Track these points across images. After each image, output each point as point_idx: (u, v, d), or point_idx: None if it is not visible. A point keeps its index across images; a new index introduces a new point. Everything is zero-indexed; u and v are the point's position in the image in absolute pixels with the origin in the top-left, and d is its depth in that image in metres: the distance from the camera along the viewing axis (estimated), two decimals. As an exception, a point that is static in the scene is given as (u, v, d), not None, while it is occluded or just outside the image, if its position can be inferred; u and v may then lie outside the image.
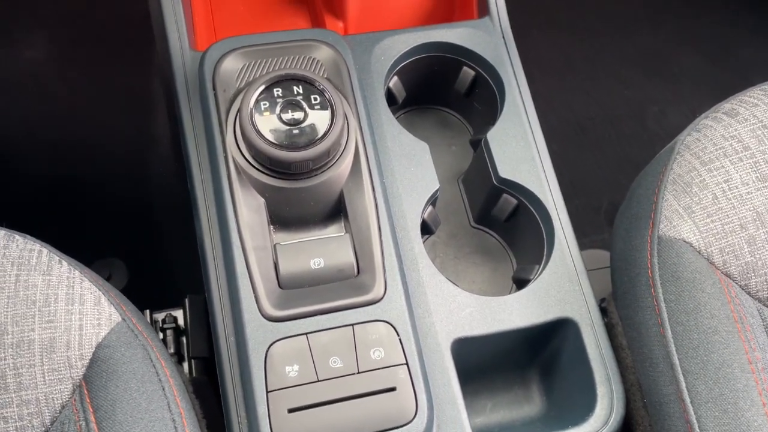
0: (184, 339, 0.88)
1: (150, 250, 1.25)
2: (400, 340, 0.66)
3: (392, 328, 0.66)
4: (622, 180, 1.42)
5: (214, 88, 0.76)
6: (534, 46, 1.56)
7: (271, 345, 0.64)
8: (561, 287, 0.76)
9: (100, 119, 1.35)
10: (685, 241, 0.66)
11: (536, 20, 1.57)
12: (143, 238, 1.26)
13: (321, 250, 0.69)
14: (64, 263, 0.63)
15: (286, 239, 0.71)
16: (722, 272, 0.66)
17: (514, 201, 0.82)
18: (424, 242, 0.78)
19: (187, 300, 0.89)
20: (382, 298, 0.67)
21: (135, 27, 1.41)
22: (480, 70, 0.90)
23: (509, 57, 0.89)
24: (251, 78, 0.77)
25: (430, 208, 0.81)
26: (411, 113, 1.00)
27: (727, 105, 0.75)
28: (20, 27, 1.42)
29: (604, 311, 0.80)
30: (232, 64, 0.77)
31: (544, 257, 0.78)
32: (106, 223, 1.28)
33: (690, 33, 1.61)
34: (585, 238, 1.35)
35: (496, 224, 0.89)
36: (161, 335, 0.88)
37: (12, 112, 1.34)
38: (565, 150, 1.43)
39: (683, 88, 1.54)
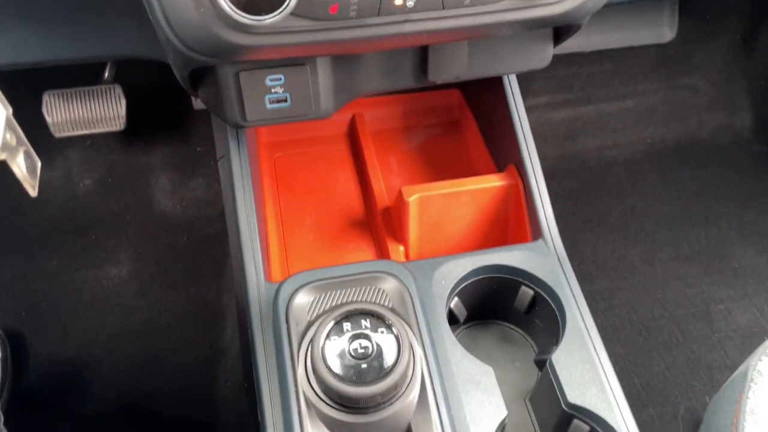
0: None
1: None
2: None
3: None
4: (695, 384, 1.37)
5: (287, 322, 0.81)
6: (589, 246, 1.60)
7: None
8: None
9: (175, 333, 1.42)
10: (774, 481, 0.63)
11: (589, 223, 1.63)
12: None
13: (390, 490, 0.68)
14: None
15: (355, 477, 0.71)
16: None
17: (587, 428, 0.80)
18: (494, 470, 0.76)
19: None
20: None
21: (212, 245, 1.54)
22: (538, 290, 0.93)
23: (566, 277, 0.92)
24: (322, 310, 0.81)
25: (499, 435, 0.80)
26: (473, 328, 1.02)
27: (795, 327, 0.74)
28: (107, 247, 1.56)
29: None
30: (304, 298, 0.82)
31: (623, 492, 0.74)
32: (173, 438, 1.29)
33: (746, 229, 1.63)
34: (664, 450, 1.27)
35: (569, 449, 0.86)
36: None
37: (94, 329, 1.43)
38: (631, 353, 1.40)
39: (747, 285, 1.52)
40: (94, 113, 1.44)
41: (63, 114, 1.44)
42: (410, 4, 0.72)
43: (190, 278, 1.51)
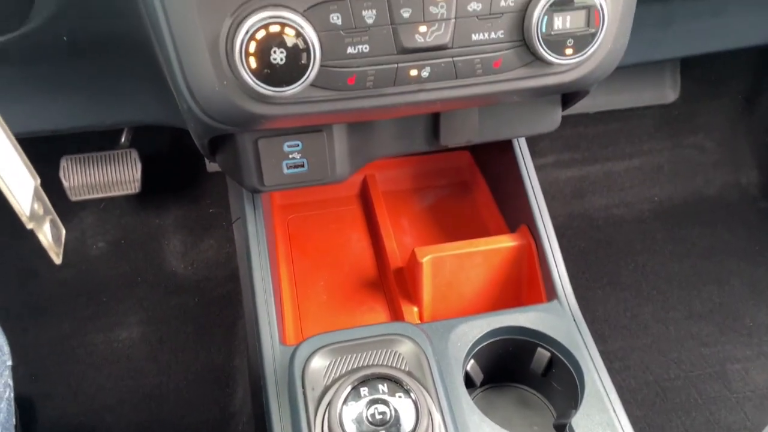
0: None
1: None
2: None
3: None
4: (717, 447, 1.34)
5: (303, 386, 0.80)
6: (600, 305, 1.59)
7: None
8: None
9: (185, 397, 1.40)
10: None
11: (599, 282, 1.62)
12: None
13: None
14: None
15: None
16: None
17: (609, 495, 0.79)
18: None
19: None
20: None
21: (223, 306, 1.54)
22: (555, 352, 0.92)
23: (583, 339, 0.92)
24: (338, 374, 0.81)
25: (519, 504, 0.78)
26: (489, 391, 1.01)
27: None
28: (118, 310, 1.56)
29: None
30: (319, 362, 0.82)
31: None
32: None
33: (757, 286, 1.62)
34: None
35: None
36: None
37: (104, 393, 1.41)
38: (648, 415, 1.38)
39: (762, 344, 1.50)
40: (111, 177, 1.47)
41: (80, 178, 1.46)
42: (425, 74, 0.74)
43: (200, 340, 1.50)
